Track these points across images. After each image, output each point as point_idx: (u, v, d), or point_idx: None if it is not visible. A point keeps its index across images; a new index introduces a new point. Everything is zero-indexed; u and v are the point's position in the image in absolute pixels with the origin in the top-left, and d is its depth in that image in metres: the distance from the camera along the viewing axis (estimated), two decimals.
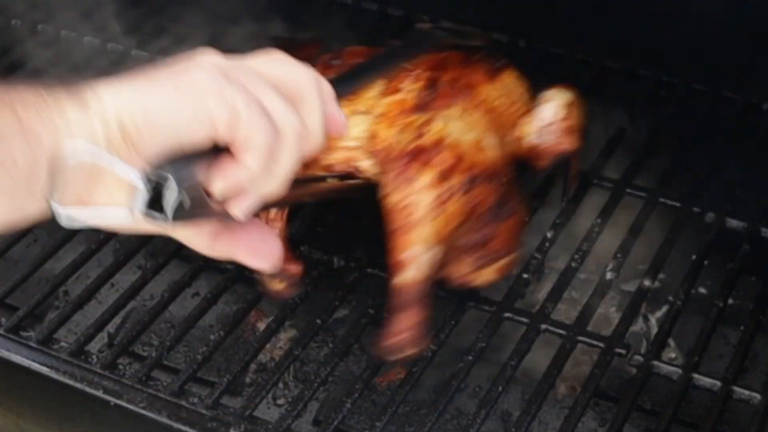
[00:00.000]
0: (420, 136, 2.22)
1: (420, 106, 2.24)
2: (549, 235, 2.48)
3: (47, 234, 2.59)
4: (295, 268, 2.18)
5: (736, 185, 2.54)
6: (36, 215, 1.53)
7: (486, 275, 2.28)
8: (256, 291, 2.33)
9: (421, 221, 2.12)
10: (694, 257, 2.41)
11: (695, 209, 2.52)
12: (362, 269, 2.40)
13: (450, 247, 2.23)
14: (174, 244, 2.51)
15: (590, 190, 2.57)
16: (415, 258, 2.11)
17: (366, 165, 2.24)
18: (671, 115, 2.72)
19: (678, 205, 2.53)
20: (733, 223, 2.49)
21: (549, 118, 2.35)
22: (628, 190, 2.57)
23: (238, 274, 2.37)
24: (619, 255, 2.43)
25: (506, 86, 2.38)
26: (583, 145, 2.44)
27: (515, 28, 2.90)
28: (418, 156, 2.19)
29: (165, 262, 2.49)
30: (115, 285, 2.51)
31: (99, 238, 2.54)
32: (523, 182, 2.38)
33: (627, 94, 2.77)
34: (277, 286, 2.16)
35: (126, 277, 2.48)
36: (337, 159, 2.23)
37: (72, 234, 2.57)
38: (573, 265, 2.42)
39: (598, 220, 2.50)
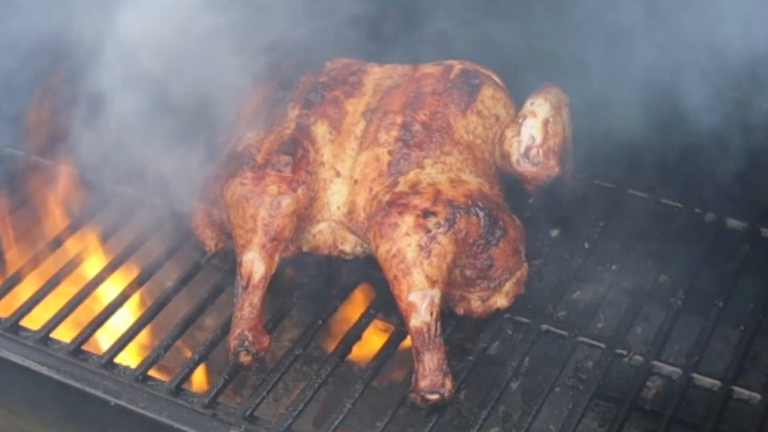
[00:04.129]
0: (395, 184, 2.27)
1: (395, 164, 2.30)
2: (553, 234, 2.48)
3: (47, 233, 2.58)
4: (265, 341, 2.21)
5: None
6: None
7: (497, 302, 2.30)
8: None
9: (414, 263, 2.16)
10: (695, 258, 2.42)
11: (696, 210, 2.52)
12: (364, 270, 2.40)
13: (455, 282, 2.27)
14: (171, 244, 2.53)
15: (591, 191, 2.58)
16: (422, 299, 2.15)
17: (350, 246, 2.34)
18: None
19: (680, 205, 2.54)
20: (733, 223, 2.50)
21: (527, 142, 2.36)
22: (629, 191, 2.57)
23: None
24: (621, 256, 2.44)
25: (482, 111, 2.40)
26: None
27: None
28: (396, 202, 2.23)
29: (163, 262, 2.49)
30: (114, 285, 2.50)
31: (99, 238, 2.54)
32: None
33: None
34: (244, 358, 2.20)
35: (124, 277, 2.47)
36: (321, 240, 2.33)
37: (71, 233, 2.57)
38: (574, 265, 2.43)
39: (600, 222, 2.51)
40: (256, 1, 2.70)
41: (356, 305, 2.39)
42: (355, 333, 2.32)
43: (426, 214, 2.20)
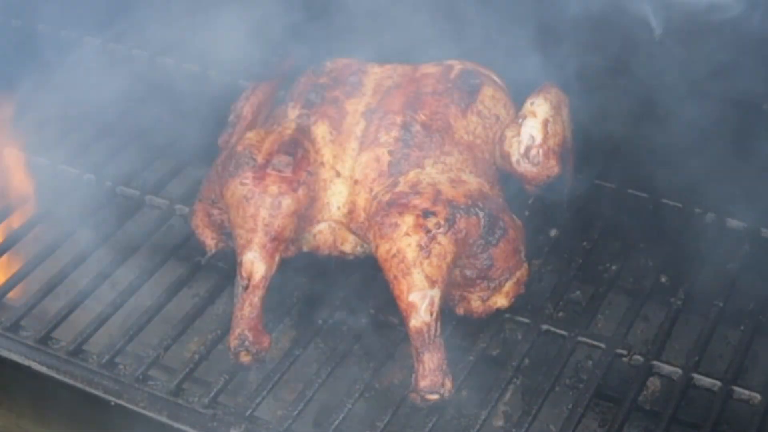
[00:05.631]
0: (395, 184, 2.27)
1: (395, 164, 2.30)
2: (553, 234, 2.49)
3: (47, 233, 2.58)
4: (265, 341, 2.21)
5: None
6: None
7: (497, 302, 2.30)
8: None
9: (414, 263, 2.17)
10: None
11: (696, 210, 2.53)
12: (364, 270, 2.40)
13: (455, 282, 2.27)
14: (172, 244, 2.53)
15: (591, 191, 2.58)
16: (422, 300, 2.15)
17: (350, 246, 2.34)
18: None
19: (680, 205, 2.54)
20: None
21: (527, 142, 2.36)
22: (629, 191, 2.57)
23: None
24: (621, 255, 2.44)
25: (482, 112, 2.40)
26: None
27: None
28: (396, 202, 2.23)
29: (163, 262, 2.49)
30: (114, 284, 2.50)
31: (98, 238, 2.54)
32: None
33: None
34: (244, 358, 2.20)
35: (125, 277, 2.48)
36: (321, 241, 2.33)
37: (71, 233, 2.57)
38: (574, 265, 2.43)
39: (600, 222, 2.51)
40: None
41: (356, 305, 2.39)
42: (355, 333, 2.32)
43: (426, 214, 2.20)
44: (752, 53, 2.50)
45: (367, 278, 2.39)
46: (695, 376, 2.22)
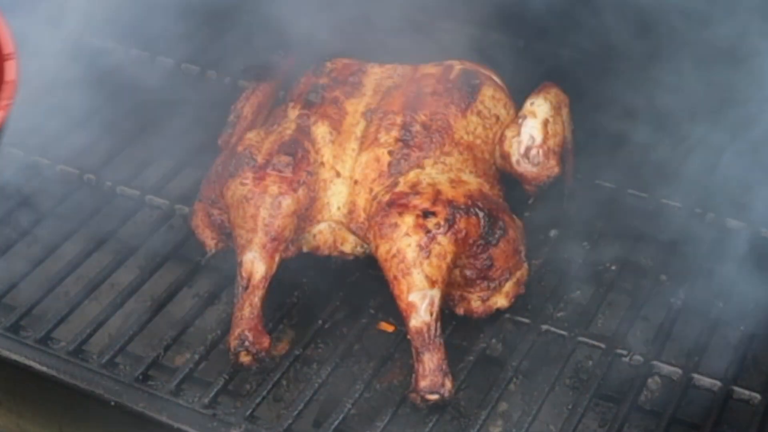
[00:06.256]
0: (395, 185, 2.27)
1: (395, 165, 2.31)
2: (553, 234, 2.49)
3: (47, 233, 2.58)
4: (265, 341, 2.21)
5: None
6: None
7: (497, 302, 2.31)
8: None
9: (414, 264, 2.17)
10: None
11: (696, 210, 2.52)
12: (364, 270, 2.40)
13: (455, 282, 2.27)
14: (172, 244, 2.53)
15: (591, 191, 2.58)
16: (422, 300, 2.15)
17: (350, 246, 2.33)
18: None
19: (679, 205, 2.54)
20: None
21: (527, 142, 2.37)
22: (629, 191, 2.57)
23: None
24: (620, 255, 2.45)
25: (482, 112, 2.41)
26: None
27: None
28: (396, 203, 2.24)
29: (163, 262, 2.49)
30: (114, 284, 2.50)
31: (98, 238, 2.54)
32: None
33: None
34: (245, 358, 2.20)
35: (125, 277, 2.48)
36: (321, 241, 2.33)
37: (71, 233, 2.57)
38: (574, 265, 2.44)
39: (600, 222, 2.51)
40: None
41: (356, 305, 2.39)
42: (355, 333, 2.32)
43: (426, 214, 2.20)
44: None
45: (367, 278, 2.39)
46: (695, 376, 2.22)
